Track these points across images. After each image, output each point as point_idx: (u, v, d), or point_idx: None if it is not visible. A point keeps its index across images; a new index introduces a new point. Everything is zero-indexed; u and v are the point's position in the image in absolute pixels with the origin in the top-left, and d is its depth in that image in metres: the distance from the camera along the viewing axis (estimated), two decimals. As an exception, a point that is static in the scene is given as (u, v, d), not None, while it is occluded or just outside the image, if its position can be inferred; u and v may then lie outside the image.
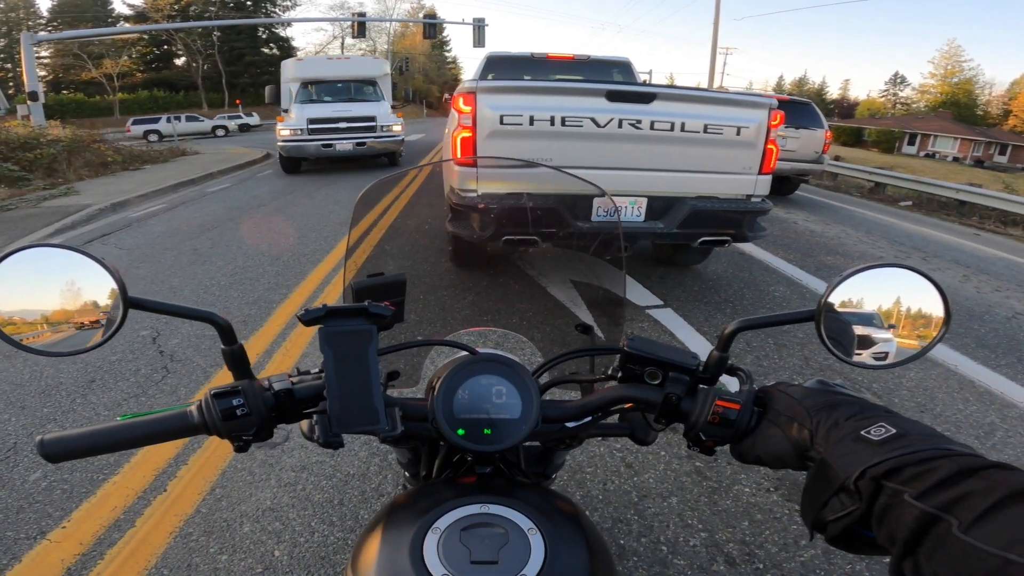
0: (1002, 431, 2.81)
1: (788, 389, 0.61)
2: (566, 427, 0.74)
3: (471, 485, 0.70)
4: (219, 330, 0.66)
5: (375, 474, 2.24)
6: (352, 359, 0.62)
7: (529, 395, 0.67)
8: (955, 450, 0.43)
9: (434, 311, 1.48)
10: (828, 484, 0.48)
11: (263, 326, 3.65)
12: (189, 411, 0.62)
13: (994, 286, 5.52)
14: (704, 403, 0.63)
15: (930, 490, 0.40)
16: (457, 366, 0.69)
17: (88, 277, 0.59)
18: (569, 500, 0.69)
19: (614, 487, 2.24)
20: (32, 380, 2.90)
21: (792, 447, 0.56)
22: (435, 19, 26.99)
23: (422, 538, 0.56)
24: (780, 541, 2.00)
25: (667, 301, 4.31)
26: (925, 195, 11.55)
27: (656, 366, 0.67)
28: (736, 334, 0.65)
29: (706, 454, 0.67)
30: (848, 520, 0.46)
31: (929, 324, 0.62)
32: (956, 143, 47.35)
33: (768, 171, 3.80)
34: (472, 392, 0.67)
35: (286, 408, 0.65)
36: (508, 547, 0.55)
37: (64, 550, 1.84)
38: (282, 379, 0.66)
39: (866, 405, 0.53)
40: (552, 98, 3.47)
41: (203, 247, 5.62)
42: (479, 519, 0.58)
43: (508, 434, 0.66)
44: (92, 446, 0.60)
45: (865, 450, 0.46)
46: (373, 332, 0.64)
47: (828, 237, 7.18)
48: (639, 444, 0.75)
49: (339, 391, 0.61)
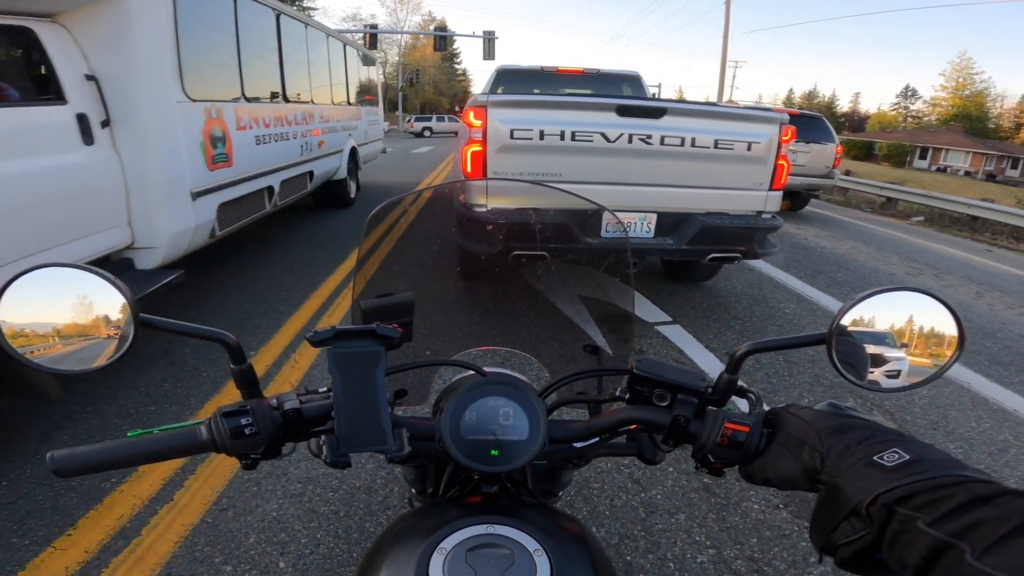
0: (1015, 448, 2.78)
1: (799, 412, 0.60)
2: (573, 447, 0.74)
3: (477, 505, 0.70)
4: (229, 350, 0.67)
5: (381, 487, 2.24)
6: (360, 380, 0.63)
7: (536, 417, 0.67)
8: (969, 476, 0.43)
9: (442, 327, 1.48)
10: (839, 508, 0.48)
11: (272, 338, 3.66)
12: (198, 429, 0.63)
13: (1007, 303, 5.46)
14: (713, 425, 0.63)
15: (943, 517, 0.39)
16: (465, 388, 0.69)
17: (99, 296, 0.59)
18: (576, 521, 0.69)
19: (621, 503, 2.22)
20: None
21: (802, 470, 0.56)
22: (446, 31, 27.32)
23: (428, 558, 0.55)
24: (789, 558, 1.98)
25: (676, 317, 4.29)
26: (937, 210, 11.49)
27: (665, 388, 0.67)
28: (746, 357, 0.65)
29: (715, 475, 0.66)
30: (859, 544, 0.46)
31: (942, 344, 0.62)
32: (968, 157, 47.09)
33: (779, 187, 3.79)
34: (479, 414, 0.67)
35: (294, 427, 0.66)
36: (514, 568, 0.55)
37: (69, 557, 1.85)
38: (290, 398, 0.67)
39: (879, 429, 0.53)
40: (562, 112, 3.49)
41: (207, 256, 5.63)
42: (485, 540, 0.58)
43: (515, 455, 0.66)
44: (102, 462, 0.61)
45: (878, 476, 0.46)
46: (381, 353, 0.64)
47: (839, 253, 7.14)
48: (647, 464, 0.75)
49: (347, 412, 0.62)
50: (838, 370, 0.62)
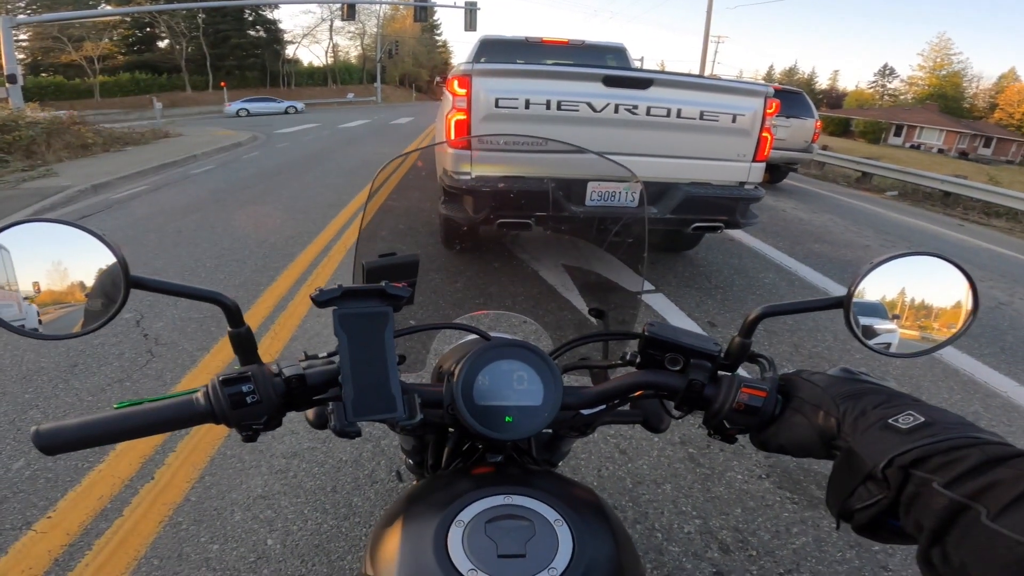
0: (986, 420, 2.85)
1: (812, 377, 0.60)
2: (581, 414, 0.72)
3: (491, 475, 0.67)
4: (226, 311, 0.62)
5: (368, 460, 2.22)
6: (368, 343, 0.59)
7: (551, 381, 0.64)
8: (983, 438, 0.43)
9: (425, 295, 1.45)
10: (855, 473, 0.47)
11: (250, 308, 3.59)
12: (195, 398, 0.58)
13: (978, 276, 5.53)
14: (729, 390, 0.61)
15: (958, 479, 0.39)
16: (477, 352, 0.65)
17: (87, 255, 0.55)
18: (590, 489, 0.67)
19: (608, 473, 2.24)
20: (13, 365, 2.83)
21: (818, 435, 0.55)
22: (426, 2, 26.62)
23: (446, 532, 0.53)
24: (772, 528, 2.01)
25: (659, 286, 4.32)
26: (911, 186, 11.67)
27: (678, 352, 0.65)
28: (760, 319, 0.63)
29: (727, 442, 0.65)
30: (875, 509, 0.45)
31: (955, 309, 0.61)
32: (942, 135, 47.85)
33: (762, 159, 3.82)
34: (493, 378, 0.64)
35: (296, 394, 0.61)
36: (535, 539, 0.53)
37: (51, 540, 1.80)
38: (293, 364, 0.63)
39: (893, 394, 0.53)
40: (548, 82, 3.44)
41: (187, 229, 5.52)
42: (504, 511, 0.56)
43: (530, 422, 0.63)
44: (90, 436, 0.55)
45: (893, 439, 0.46)
46: (390, 314, 0.61)
47: (816, 225, 7.23)
48: (652, 431, 0.73)
49: (355, 376, 0.58)
50: (855, 334, 0.61)
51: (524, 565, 0.50)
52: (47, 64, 41.18)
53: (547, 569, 0.50)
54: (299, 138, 15.54)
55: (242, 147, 13.27)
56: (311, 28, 55.20)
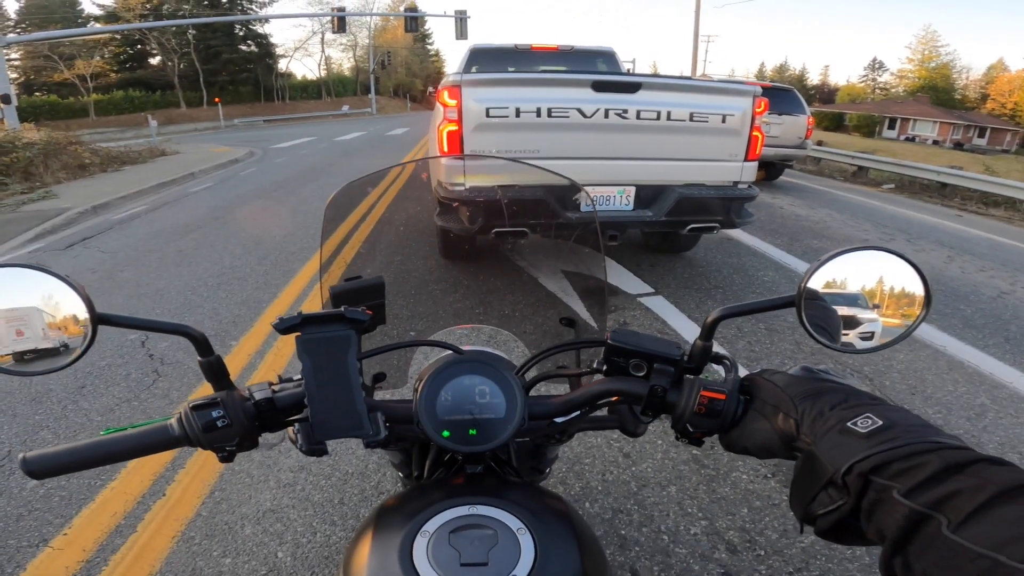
0: (993, 412, 2.83)
1: (773, 377, 0.59)
2: (555, 422, 0.74)
3: (459, 486, 0.70)
4: (194, 343, 0.64)
5: (374, 472, 2.24)
6: (331, 366, 0.61)
7: (513, 393, 0.67)
8: (943, 443, 0.42)
9: (425, 306, 1.47)
10: (816, 478, 0.47)
11: (253, 326, 3.60)
12: (169, 424, 0.62)
13: (978, 266, 5.60)
14: (690, 394, 0.62)
15: (918, 487, 0.39)
16: (438, 367, 0.68)
17: (54, 296, 0.57)
18: (560, 498, 0.69)
19: (613, 477, 2.26)
20: (22, 388, 2.86)
21: (779, 438, 0.55)
22: (417, 12, 26.76)
23: (411, 541, 0.56)
24: (780, 528, 2.02)
25: (658, 289, 4.34)
26: (907, 178, 11.68)
27: (641, 358, 0.66)
28: (719, 322, 0.64)
29: (695, 445, 0.66)
30: (838, 515, 0.45)
31: (912, 302, 0.61)
32: (935, 127, 47.85)
33: (754, 158, 3.84)
34: (455, 393, 0.66)
35: (268, 417, 0.64)
36: (497, 548, 0.55)
37: (68, 557, 1.83)
38: (263, 388, 0.65)
39: (851, 392, 0.53)
40: (538, 90, 3.47)
41: (188, 248, 5.55)
42: (468, 520, 0.58)
43: (494, 434, 0.65)
44: (75, 462, 0.59)
45: (852, 443, 0.45)
46: (352, 337, 0.63)
47: (814, 221, 7.25)
48: (629, 436, 0.74)
49: (320, 398, 0.61)
50: (809, 333, 0.62)
51: (486, 573, 0.53)
52: (40, 83, 41.29)
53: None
54: (296, 152, 15.58)
55: (239, 163, 13.30)
56: (303, 41, 55.37)
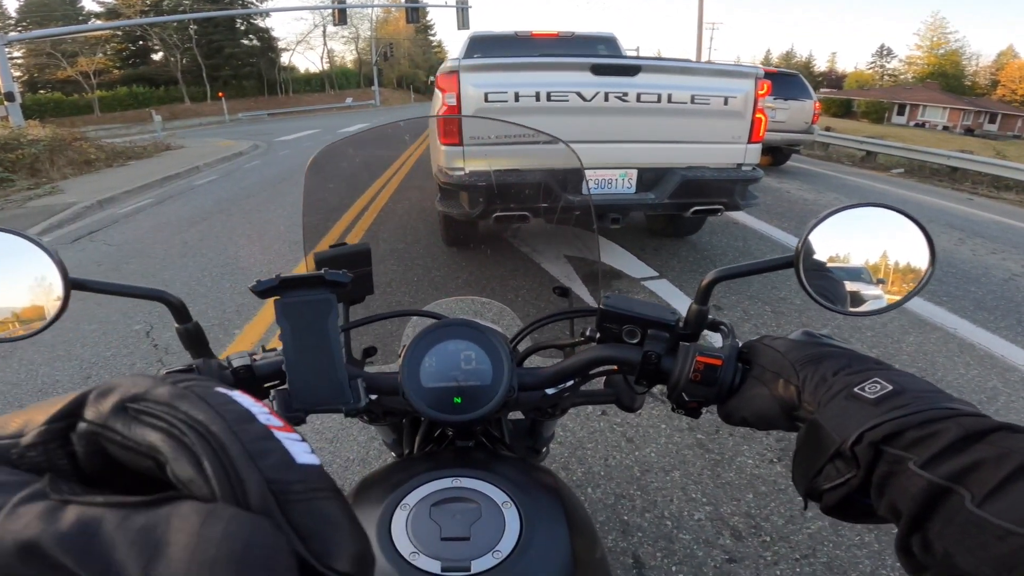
0: (1005, 395, 2.78)
1: (772, 342, 0.56)
2: (546, 394, 0.70)
3: (443, 458, 0.66)
4: (171, 309, 0.61)
5: (375, 458, 2.21)
6: (311, 331, 0.58)
7: (500, 360, 0.63)
8: (958, 409, 0.39)
9: (427, 291, 1.43)
10: (821, 449, 0.43)
11: (256, 315, 3.59)
12: None
13: (990, 248, 5.51)
14: (685, 360, 0.58)
15: (936, 457, 0.36)
16: (422, 333, 0.64)
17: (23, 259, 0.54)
18: (550, 472, 0.66)
19: (615, 462, 2.22)
20: (28, 379, 2.86)
21: (779, 406, 0.51)
22: (417, 3, 26.62)
23: (390, 516, 0.53)
24: (786, 513, 1.98)
25: (662, 272, 4.29)
26: (917, 162, 11.53)
27: (634, 324, 0.63)
28: (714, 284, 0.61)
29: (691, 416, 0.62)
30: (845, 489, 0.41)
31: (916, 263, 0.57)
32: (945, 112, 47.27)
33: (757, 140, 3.79)
34: (439, 359, 0.63)
35: (247, 386, 0.60)
36: (480, 522, 0.52)
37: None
38: (242, 356, 0.62)
39: (856, 357, 0.49)
40: (537, 74, 3.43)
41: (193, 240, 5.54)
42: (450, 493, 0.55)
43: (479, 402, 0.61)
44: None
45: (860, 410, 0.41)
46: (332, 301, 0.59)
47: (821, 205, 7.15)
48: (625, 410, 0.70)
49: (299, 365, 0.57)
50: (809, 294, 0.57)
51: (467, 548, 0.50)
52: (44, 81, 41.53)
53: (491, 552, 0.49)
54: (300, 145, 15.58)
55: (243, 156, 13.29)
56: (304, 35, 55.46)
